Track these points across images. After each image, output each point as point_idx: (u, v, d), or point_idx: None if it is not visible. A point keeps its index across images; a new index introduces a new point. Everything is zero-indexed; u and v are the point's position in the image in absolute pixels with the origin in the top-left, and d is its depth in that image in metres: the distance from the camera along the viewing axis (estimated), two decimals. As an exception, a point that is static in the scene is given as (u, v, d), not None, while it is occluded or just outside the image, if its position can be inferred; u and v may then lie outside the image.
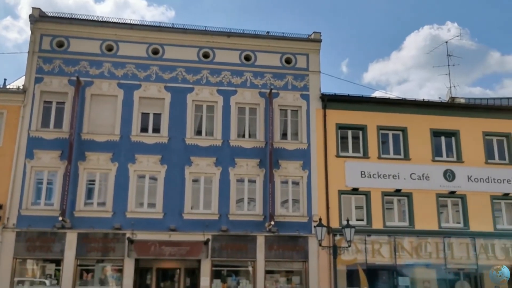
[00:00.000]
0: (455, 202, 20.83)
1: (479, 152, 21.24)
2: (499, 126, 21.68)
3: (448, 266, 19.86)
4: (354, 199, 20.22)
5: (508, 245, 20.41)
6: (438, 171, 20.69)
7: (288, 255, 18.95)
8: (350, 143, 20.84)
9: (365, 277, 19.18)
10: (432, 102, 21.93)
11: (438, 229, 20.13)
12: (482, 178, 20.86)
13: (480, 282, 19.96)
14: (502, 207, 21.00)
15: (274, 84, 20.58)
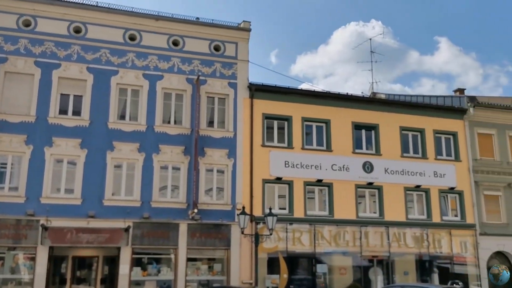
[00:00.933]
0: (373, 192, 21.83)
1: (395, 146, 22.37)
2: (415, 122, 22.94)
3: (363, 254, 20.84)
4: (277, 188, 20.57)
5: (418, 234, 21.73)
6: (358, 163, 21.56)
7: (210, 242, 18.94)
8: (276, 133, 21.15)
9: (285, 264, 19.64)
10: (354, 96, 22.76)
11: (356, 218, 21.01)
12: (397, 170, 22.01)
13: (392, 268, 21.13)
14: (414, 198, 22.31)
15: (202, 71, 20.36)
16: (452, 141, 23.35)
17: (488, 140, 23.84)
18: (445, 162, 22.83)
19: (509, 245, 22.55)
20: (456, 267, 22.00)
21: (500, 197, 23.22)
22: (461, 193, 22.64)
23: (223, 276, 19.05)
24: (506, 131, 24.11)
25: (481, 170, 23.18)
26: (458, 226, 22.25)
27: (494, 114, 24.00)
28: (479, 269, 21.92)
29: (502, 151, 23.77)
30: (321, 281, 20.15)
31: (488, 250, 22.30)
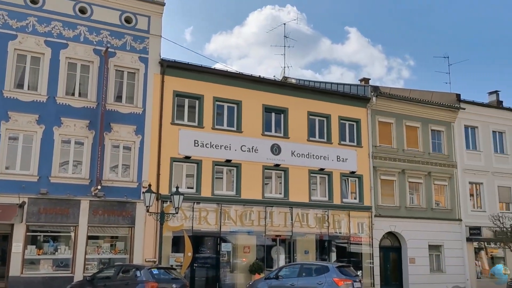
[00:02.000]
0: (279, 174, 22.43)
1: (303, 130, 23.10)
2: (322, 107, 23.79)
3: (267, 233, 21.44)
4: (185, 167, 20.43)
5: (320, 215, 22.75)
6: (266, 145, 22.00)
7: (114, 220, 18.43)
8: (186, 111, 20.91)
9: (190, 243, 19.66)
10: (266, 79, 23.08)
11: (262, 198, 21.50)
12: (303, 153, 22.76)
13: (293, 247, 21.98)
14: (317, 181, 23.26)
15: (111, 43, 19.49)
16: (355, 127, 24.57)
17: (387, 128, 25.41)
18: (348, 147, 24.01)
19: (400, 226, 24.37)
20: (353, 247, 23.38)
21: (395, 182, 24.93)
22: (361, 177, 23.98)
23: (126, 254, 18.67)
24: (404, 120, 25.82)
25: (380, 156, 24.70)
26: (356, 208, 23.60)
27: (394, 104, 25.58)
28: (372, 248, 23.48)
29: (399, 139, 25.46)
30: (225, 259, 20.48)
31: (381, 230, 23.95)
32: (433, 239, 25.12)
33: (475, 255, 26.67)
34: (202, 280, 20.13)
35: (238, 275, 20.53)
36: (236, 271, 20.60)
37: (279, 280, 16.36)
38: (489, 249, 27.57)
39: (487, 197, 27.31)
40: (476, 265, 26.67)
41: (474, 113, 28.04)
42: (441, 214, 25.84)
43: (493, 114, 28.86)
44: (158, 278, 14.06)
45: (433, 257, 25.30)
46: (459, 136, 27.32)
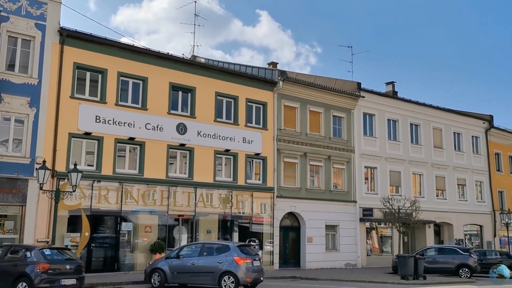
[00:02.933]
0: (184, 154, 22.23)
1: (210, 110, 23.03)
2: (230, 89, 23.86)
3: (170, 213, 21.25)
4: (85, 143, 19.53)
5: (224, 195, 22.97)
6: (172, 124, 21.64)
7: (3, 198, 17.16)
8: (88, 85, 19.91)
9: (88, 222, 18.91)
10: (174, 57, 22.60)
11: (166, 178, 21.21)
12: (209, 134, 22.74)
13: (196, 227, 22.03)
14: (222, 162, 23.42)
15: (4, 6, 17.89)
16: (262, 110, 25.00)
17: (292, 112, 26.16)
18: (254, 130, 24.38)
19: (299, 207, 25.38)
20: (255, 226, 23.96)
21: (297, 164, 25.83)
22: (265, 159, 24.53)
23: (15, 234, 17.52)
24: (308, 105, 26.73)
25: (284, 139, 25.40)
26: (259, 189, 24.15)
27: (299, 89, 26.36)
28: (273, 228, 24.25)
29: (302, 124, 26.34)
30: (125, 239, 20.00)
31: (282, 211, 24.80)
32: (329, 219, 26.51)
33: (366, 234, 28.62)
34: (100, 261, 19.52)
35: (138, 255, 20.18)
36: (137, 251, 20.23)
37: (180, 259, 16.31)
38: (379, 229, 29.74)
39: (380, 181, 29.29)
40: (367, 244, 28.64)
41: (372, 102, 29.77)
42: (338, 196, 27.30)
43: (388, 103, 30.88)
44: (51, 259, 13.36)
45: (329, 237, 26.75)
46: (358, 123, 28.91)
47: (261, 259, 17.13)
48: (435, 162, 32.51)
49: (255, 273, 15.77)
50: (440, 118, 33.57)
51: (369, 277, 21.38)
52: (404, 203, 24.40)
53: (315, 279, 20.40)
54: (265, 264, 21.95)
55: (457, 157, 34.12)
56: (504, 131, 38.37)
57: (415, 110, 32.13)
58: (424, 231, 30.80)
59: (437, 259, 24.03)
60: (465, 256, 23.63)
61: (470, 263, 23.27)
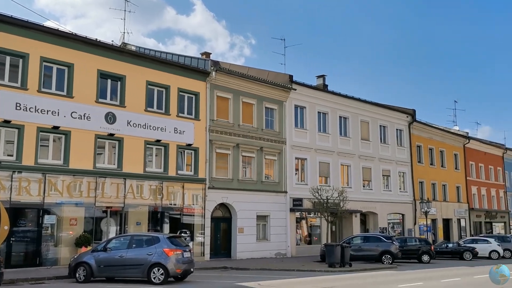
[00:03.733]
0: (113, 144, 21.57)
1: (140, 100, 22.47)
2: (162, 78, 23.39)
3: (98, 205, 20.57)
4: (4, 132, 18.41)
5: (154, 186, 22.57)
6: (100, 113, 20.90)
7: None
8: (8, 70, 18.75)
9: (7, 215, 17.79)
10: (102, 43, 21.76)
11: (93, 169, 20.48)
12: (140, 124, 22.19)
13: (125, 219, 21.50)
14: (153, 152, 22.98)
15: None
16: (194, 100, 24.74)
17: (225, 103, 26.12)
18: (186, 120, 24.10)
19: (231, 198, 25.48)
20: (186, 218, 23.78)
21: (229, 155, 25.87)
22: (197, 150, 24.34)
23: None
24: (241, 97, 26.80)
25: (216, 130, 25.34)
26: (191, 180, 23.96)
27: (233, 80, 26.35)
28: (204, 219, 24.19)
29: (235, 115, 26.39)
30: (48, 232, 19.13)
31: (214, 202, 24.78)
32: (261, 210, 26.85)
33: (296, 224, 29.30)
34: (21, 255, 18.58)
35: (62, 249, 19.39)
36: (61, 245, 19.43)
37: (107, 252, 15.84)
38: (309, 218, 30.55)
39: (309, 172, 30.03)
40: (297, 233, 29.34)
41: (303, 94, 30.38)
42: (270, 186, 27.70)
43: (319, 96, 31.66)
44: (-36, 255, 12.48)
45: (260, 227, 27.12)
46: (290, 115, 29.42)
47: (191, 250, 17.07)
48: (362, 154, 33.82)
49: (185, 264, 15.68)
50: (368, 112, 34.92)
51: (298, 265, 21.92)
52: (332, 193, 25.21)
53: (245, 269, 20.61)
54: (196, 255, 21.94)
55: (383, 149, 35.70)
56: (425, 124, 40.65)
57: (344, 103, 33.18)
58: (351, 220, 32.01)
59: (362, 247, 25.08)
60: (387, 244, 24.84)
61: (392, 250, 24.51)
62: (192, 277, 16.49)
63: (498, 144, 52.91)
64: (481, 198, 47.30)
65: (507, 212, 51.34)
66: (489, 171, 49.50)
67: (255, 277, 17.29)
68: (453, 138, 44.47)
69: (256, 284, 15.37)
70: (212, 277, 17.76)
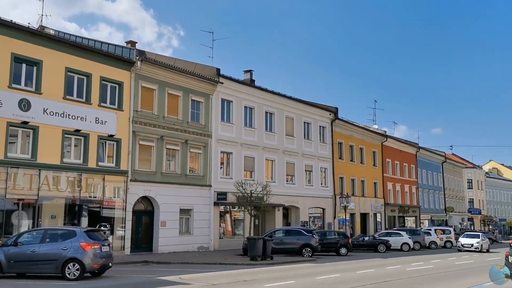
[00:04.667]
0: (27, 133, 20.34)
1: (58, 87, 21.34)
2: (83, 65, 22.35)
3: (9, 197, 19.34)
4: None
5: (72, 178, 21.58)
6: (13, 99, 19.59)
7: None
8: None
9: None
10: (17, 25, 20.35)
11: (4, 158, 19.20)
12: (58, 112, 21.07)
13: (39, 212, 20.37)
14: (72, 142, 21.95)
15: None
16: (117, 90, 23.92)
17: (150, 94, 25.50)
18: (108, 110, 23.23)
19: (154, 191, 24.98)
20: (106, 211, 22.98)
21: (153, 147, 25.33)
22: (119, 141, 23.57)
23: None
24: (166, 88, 26.30)
25: (140, 121, 24.68)
26: (112, 172, 23.17)
27: (158, 71, 25.78)
28: (125, 212, 23.51)
29: (160, 106, 25.85)
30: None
31: (136, 195, 24.16)
32: (184, 203, 26.57)
33: (220, 218, 29.33)
34: None
35: (-33, 244, 17.98)
36: (-35, 240, 18.03)
37: (18, 247, 14.94)
38: (233, 212, 30.69)
39: (235, 166, 30.15)
40: (220, 227, 29.38)
41: (231, 88, 30.40)
42: (194, 180, 27.47)
43: (246, 91, 31.83)
44: None
45: (183, 220, 26.84)
46: (216, 108, 29.31)
47: (110, 245, 16.55)
48: (286, 149, 34.50)
49: (103, 259, 15.19)
50: (293, 108, 35.66)
51: (220, 259, 21.96)
52: (256, 188, 25.48)
53: (167, 263, 20.32)
54: (116, 250, 21.30)
55: (306, 145, 36.64)
56: (347, 122, 42.27)
57: (270, 99, 33.62)
58: (273, 214, 32.58)
59: (284, 240, 25.60)
60: (308, 237, 25.55)
61: (312, 243, 25.25)
62: (111, 272, 15.99)
63: (412, 143, 56.24)
64: (396, 193, 50.06)
65: (418, 207, 54.77)
66: (404, 168, 52.48)
67: (176, 271, 17.11)
68: (372, 136, 46.60)
69: (177, 278, 15.21)
70: (131, 272, 17.34)
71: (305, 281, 15.37)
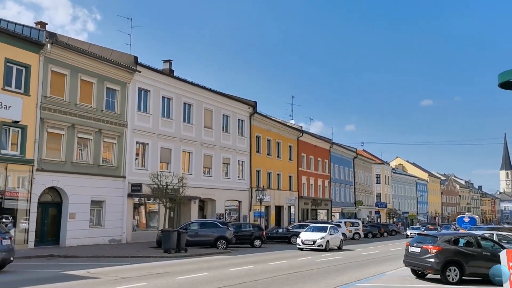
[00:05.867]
0: None
1: (-44, 66, 19.54)
2: None
3: None
4: None
5: (-30, 166, 19.89)
6: None
7: None
8: None
9: None
10: None
11: None
12: (-46, 94, 19.28)
13: None
14: None
15: None
16: (24, 73, 22.38)
17: (61, 80, 24.13)
18: (13, 94, 21.52)
19: (63, 181, 23.73)
20: (8, 202, 21.46)
21: (63, 136, 24.04)
22: (25, 128, 22.08)
23: None
24: (79, 74, 25.05)
25: (49, 107, 23.31)
26: (16, 161, 21.69)
27: (71, 56, 24.46)
28: (30, 204, 22.11)
29: (72, 93, 24.57)
30: None
31: (43, 185, 22.82)
32: (96, 195, 25.54)
33: (134, 210, 28.57)
34: None
35: None
36: None
37: None
38: (148, 204, 30.02)
39: (150, 157, 29.48)
40: (134, 219, 28.62)
41: (148, 77, 29.63)
42: (107, 170, 26.48)
43: (165, 81, 31.19)
44: None
45: (94, 212, 25.80)
46: (133, 98, 28.44)
47: (12, 238, 15.50)
48: (204, 142, 34.34)
49: (4, 253, 14.30)
50: (212, 100, 35.53)
51: (132, 252, 21.40)
52: (172, 180, 25.09)
53: (75, 257, 19.42)
54: (19, 243, 20.04)
55: (224, 137, 36.71)
56: (265, 117, 42.92)
57: (189, 90, 33.24)
58: (189, 206, 32.32)
59: (198, 233, 25.49)
60: (223, 229, 25.65)
61: (227, 235, 25.38)
62: (12, 266, 15.00)
63: (326, 139, 58.42)
64: (310, 187, 51.78)
65: (330, 200, 57.08)
66: (318, 163, 54.38)
67: (85, 265, 16.41)
68: (289, 131, 47.74)
69: (86, 272, 14.61)
70: (36, 266, 16.36)
71: (218, 273, 15.42)
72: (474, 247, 14.75)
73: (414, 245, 15.20)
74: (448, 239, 14.80)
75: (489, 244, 15.08)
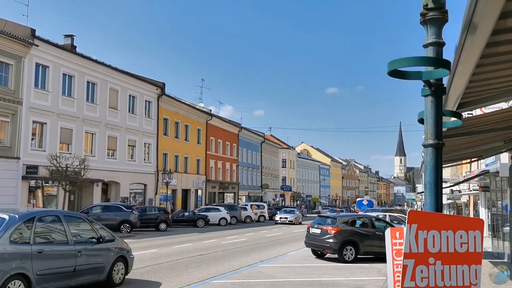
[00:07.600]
0: None
1: None
2: None
3: None
4: None
5: None
6: None
7: None
8: None
9: None
10: None
11: None
12: None
13: None
14: None
15: None
16: None
17: None
18: None
19: None
20: None
21: None
22: None
23: None
24: None
25: None
26: None
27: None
28: None
29: None
30: None
31: None
32: (-14, 177, 23.54)
33: (30, 193, 26.76)
34: None
35: None
36: None
37: None
38: (45, 187, 28.26)
39: (49, 137, 27.69)
40: (29, 203, 26.82)
41: (47, 52, 27.66)
42: (-1, 151, 24.48)
43: (66, 57, 29.31)
44: None
45: (-16, 196, 23.78)
46: (29, 73, 26.41)
47: None
48: (109, 123, 32.96)
49: None
50: (118, 80, 34.11)
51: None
52: (73, 162, 23.84)
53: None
54: None
55: (130, 119, 35.50)
56: (174, 99, 42.15)
57: (93, 68, 31.59)
58: (92, 189, 30.93)
59: (101, 217, 24.52)
60: (127, 213, 24.99)
61: (131, 219, 24.78)
62: None
63: (235, 123, 58.85)
64: (217, 171, 51.97)
65: (237, 184, 57.82)
66: (226, 147, 54.69)
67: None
68: (198, 114, 47.36)
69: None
70: None
71: (121, 258, 14.94)
72: (368, 227, 15.76)
73: (315, 226, 15.89)
74: (345, 221, 15.66)
75: (382, 225, 16.19)
